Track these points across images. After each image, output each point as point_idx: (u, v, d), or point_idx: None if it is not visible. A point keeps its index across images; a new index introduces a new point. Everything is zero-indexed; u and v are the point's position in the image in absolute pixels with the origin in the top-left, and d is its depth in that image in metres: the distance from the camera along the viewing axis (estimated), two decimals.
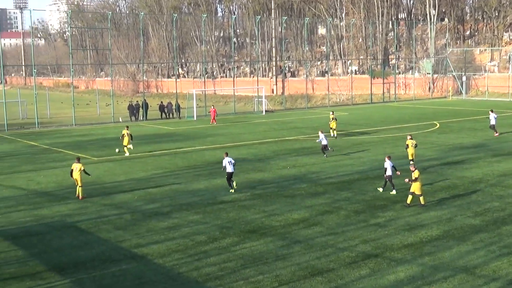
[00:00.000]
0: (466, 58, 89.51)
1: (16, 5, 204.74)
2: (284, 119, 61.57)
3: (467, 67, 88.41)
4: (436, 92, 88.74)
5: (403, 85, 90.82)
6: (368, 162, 33.97)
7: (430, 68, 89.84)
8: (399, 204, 24.39)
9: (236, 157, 36.30)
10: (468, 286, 15.93)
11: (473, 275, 16.69)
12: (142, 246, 19.73)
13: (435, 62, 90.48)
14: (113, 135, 49.69)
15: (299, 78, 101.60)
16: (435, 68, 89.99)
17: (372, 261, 17.91)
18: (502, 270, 17.02)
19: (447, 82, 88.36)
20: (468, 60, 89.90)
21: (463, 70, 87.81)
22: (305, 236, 20.49)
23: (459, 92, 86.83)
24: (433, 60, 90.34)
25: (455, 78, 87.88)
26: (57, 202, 26.05)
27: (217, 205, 25.01)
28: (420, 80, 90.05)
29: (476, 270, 17.08)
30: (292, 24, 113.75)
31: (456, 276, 16.65)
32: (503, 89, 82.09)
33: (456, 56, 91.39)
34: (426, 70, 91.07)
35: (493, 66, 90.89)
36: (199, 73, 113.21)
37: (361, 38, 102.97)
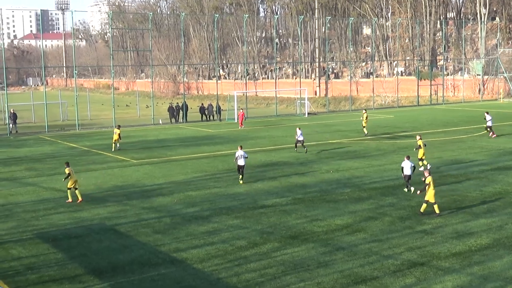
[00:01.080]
0: None
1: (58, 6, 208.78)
2: (327, 121, 61.29)
3: None
4: (487, 94, 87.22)
5: (452, 87, 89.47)
6: None
7: (480, 69, 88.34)
8: (447, 211, 24.00)
9: (278, 161, 36.40)
10: None
11: None
12: (181, 250, 19.86)
13: (486, 63, 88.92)
14: (153, 137, 50.27)
15: (343, 79, 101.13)
16: (486, 69, 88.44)
17: (418, 270, 17.66)
18: None
19: (498, 84, 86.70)
20: None
21: None
22: (348, 242, 20.33)
23: (511, 95, 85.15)
24: (483, 61, 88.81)
25: (506, 80, 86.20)
26: (96, 205, 26.41)
27: (257, 209, 25.02)
28: (470, 82, 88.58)
29: None
30: (336, 24, 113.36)
31: (506, 287, 16.30)
32: None
33: (507, 56, 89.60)
34: (476, 72, 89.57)
35: None
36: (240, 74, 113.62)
37: (407, 38, 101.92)
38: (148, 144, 45.79)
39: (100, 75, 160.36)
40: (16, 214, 25.04)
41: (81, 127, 58.76)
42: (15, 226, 23.20)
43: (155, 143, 46.33)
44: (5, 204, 26.77)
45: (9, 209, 25.93)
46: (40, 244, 20.82)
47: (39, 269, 18.30)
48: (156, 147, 44.05)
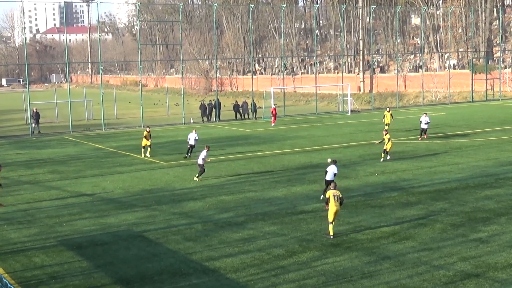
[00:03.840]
0: None
1: None
2: (372, 119, 60.94)
3: None
4: None
5: (510, 81, 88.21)
6: (468, 169, 33.17)
7: None
8: (504, 217, 23.70)
9: (318, 162, 36.33)
10: None
11: None
12: (214, 259, 19.97)
13: None
14: (184, 138, 50.51)
15: (389, 74, 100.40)
16: None
17: (473, 282, 17.49)
18: None
19: None
20: None
21: None
22: (395, 251, 20.22)
23: None
24: None
25: None
26: (124, 210, 26.72)
27: (296, 215, 25.03)
28: None
29: None
30: (381, 13, 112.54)
31: None
32: None
33: None
34: None
35: None
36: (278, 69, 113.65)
37: (460, 28, 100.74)
38: (179, 145, 46.11)
39: (127, 71, 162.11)
40: (39, 220, 25.48)
41: (107, 126, 59.47)
42: (38, 233, 23.61)
43: (185, 144, 46.50)
44: (27, 209, 27.27)
45: (31, 215, 26.40)
46: (64, 252, 21.16)
47: (63, 278, 18.59)
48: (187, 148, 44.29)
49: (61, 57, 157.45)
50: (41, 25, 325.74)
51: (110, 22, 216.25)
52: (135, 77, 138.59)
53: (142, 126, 59.32)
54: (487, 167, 33.61)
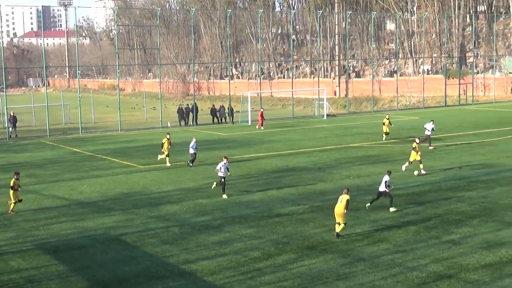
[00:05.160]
0: None
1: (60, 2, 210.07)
2: (348, 124, 61.24)
3: None
4: None
5: (482, 86, 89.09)
6: (441, 172, 33.47)
7: None
8: (476, 220, 23.95)
9: (294, 166, 36.45)
10: None
11: None
12: (191, 262, 19.94)
13: None
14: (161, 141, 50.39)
15: (364, 78, 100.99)
16: None
17: (445, 283, 17.64)
18: None
19: None
20: None
21: None
22: (369, 253, 20.33)
23: None
24: None
25: None
26: (101, 214, 26.57)
27: (272, 218, 25.06)
28: (502, 80, 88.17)
29: None
30: (357, 19, 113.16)
31: None
32: None
33: None
34: (508, 69, 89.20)
35: None
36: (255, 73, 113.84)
37: (434, 34, 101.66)
38: (156, 149, 45.80)
39: (104, 75, 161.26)
40: (16, 224, 25.24)
41: (85, 130, 59.12)
42: (14, 237, 23.39)
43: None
44: (4, 213, 26.96)
45: (8, 219, 26.14)
46: (41, 256, 20.99)
47: (40, 282, 18.44)
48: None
49: (38, 61, 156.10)
50: (19, 29, 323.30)
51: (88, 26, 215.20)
52: (112, 81, 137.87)
53: (119, 130, 59.14)
54: (459, 171, 33.93)
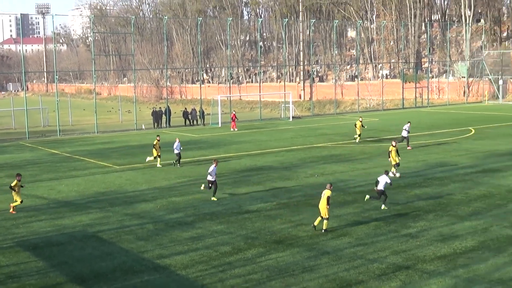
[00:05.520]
0: (503, 61, 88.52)
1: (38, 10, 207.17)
2: (312, 125, 61.50)
3: (504, 70, 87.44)
4: (471, 96, 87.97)
5: (437, 89, 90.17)
6: (399, 170, 33.73)
7: (465, 71, 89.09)
8: (432, 214, 24.21)
9: (262, 165, 36.50)
10: None
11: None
12: (165, 257, 19.85)
13: (470, 65, 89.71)
14: (136, 143, 50.16)
15: (327, 83, 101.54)
16: (470, 72, 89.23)
17: (403, 273, 17.79)
18: None
19: (483, 86, 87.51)
20: (505, 63, 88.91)
21: (500, 73, 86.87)
22: (333, 247, 20.43)
23: (496, 97, 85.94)
24: (468, 63, 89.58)
25: (491, 82, 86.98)
26: (78, 212, 26.30)
27: (242, 214, 25.06)
28: (455, 84, 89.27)
29: None
30: (320, 27, 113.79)
31: None
32: None
33: (492, 58, 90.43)
34: (460, 74, 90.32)
35: None
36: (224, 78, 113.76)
37: (392, 41, 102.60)
38: (131, 150, 45.70)
39: (81, 80, 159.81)
40: None
41: (62, 133, 58.49)
42: None
43: (137, 149, 46.21)
44: None
45: None
46: (20, 252, 20.70)
47: (20, 278, 18.19)
48: (139, 152, 43.92)
49: (17, 67, 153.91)
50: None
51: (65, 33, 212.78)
52: (89, 86, 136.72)
53: (96, 132, 58.60)
54: (416, 168, 34.27)
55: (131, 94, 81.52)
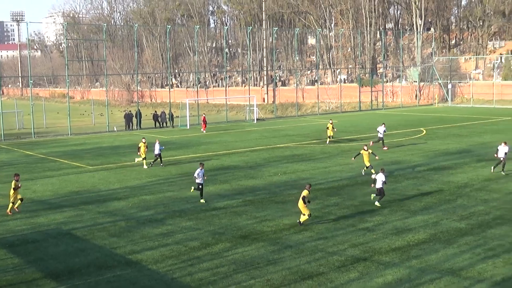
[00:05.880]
0: (452, 67, 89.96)
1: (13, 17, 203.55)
2: (275, 127, 61.62)
3: (452, 75, 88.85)
4: (423, 99, 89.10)
5: (391, 93, 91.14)
6: (357, 169, 33.98)
7: (417, 76, 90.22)
8: (387, 209, 24.46)
9: (229, 165, 36.45)
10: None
11: (459, 277, 16.76)
12: (137, 252, 19.69)
13: (422, 70, 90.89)
14: (108, 144, 49.66)
15: (289, 87, 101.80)
16: (422, 76, 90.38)
17: (361, 265, 17.94)
18: (487, 272, 17.10)
19: (433, 89, 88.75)
20: (453, 68, 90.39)
21: (449, 78, 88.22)
22: (295, 241, 20.49)
23: (445, 100, 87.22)
24: (420, 69, 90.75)
25: (441, 86, 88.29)
26: (53, 210, 25.92)
27: (209, 211, 24.99)
28: (407, 88, 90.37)
29: (462, 272, 17.15)
30: (282, 34, 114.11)
31: (442, 278, 16.71)
32: (487, 96, 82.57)
33: (442, 64, 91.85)
34: (413, 78, 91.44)
35: (478, 74, 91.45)
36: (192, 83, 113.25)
37: (349, 48, 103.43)
38: (103, 151, 45.22)
39: (55, 85, 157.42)
40: None
41: (37, 135, 57.57)
42: None
43: (110, 150, 45.77)
44: None
45: None
46: None
47: None
48: (111, 153, 43.52)
49: None
50: None
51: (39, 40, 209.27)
52: (62, 90, 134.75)
53: (69, 135, 57.83)
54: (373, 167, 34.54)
55: (103, 98, 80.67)
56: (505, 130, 51.12)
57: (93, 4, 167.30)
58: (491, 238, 20.20)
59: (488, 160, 35.52)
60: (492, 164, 32.76)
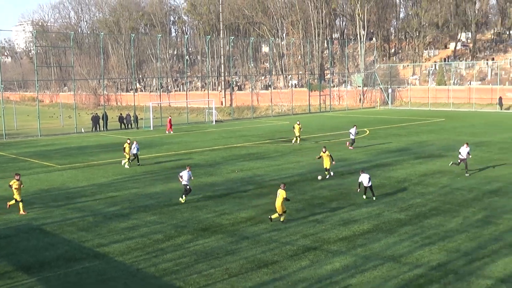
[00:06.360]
0: (392, 73, 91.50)
1: None
2: (232, 128, 61.55)
3: (392, 81, 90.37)
4: (366, 102, 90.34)
5: (337, 96, 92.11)
6: (307, 166, 34.26)
7: (361, 81, 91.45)
8: (334, 202, 24.69)
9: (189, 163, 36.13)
10: (395, 273, 16.24)
11: (399, 263, 17.03)
12: (104, 245, 19.39)
13: (365, 76, 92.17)
14: (76, 145, 48.78)
15: (245, 91, 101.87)
16: (365, 82, 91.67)
17: (311, 253, 18.06)
18: (424, 258, 17.43)
19: (375, 94, 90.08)
20: (393, 75, 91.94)
21: (389, 83, 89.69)
22: (252, 232, 20.50)
23: (386, 103, 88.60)
24: (363, 75, 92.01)
25: (382, 90, 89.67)
26: (24, 207, 25.28)
27: (172, 206, 24.80)
28: (352, 92, 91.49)
29: (402, 258, 17.43)
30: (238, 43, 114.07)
31: (384, 264, 16.96)
32: (423, 99, 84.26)
33: (383, 71, 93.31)
34: (357, 84, 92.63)
35: (414, 79, 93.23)
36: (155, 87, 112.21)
37: (300, 56, 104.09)
38: (72, 151, 44.38)
39: (25, 89, 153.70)
40: None
41: (8, 136, 56.13)
42: None
43: (78, 150, 44.95)
44: None
45: None
46: None
47: None
48: (79, 153, 42.75)
49: None
50: None
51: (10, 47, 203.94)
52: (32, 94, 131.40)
53: (39, 136, 56.60)
54: (321, 164, 34.77)
55: (71, 101, 79.18)
56: (439, 130, 52.25)
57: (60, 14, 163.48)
58: (428, 228, 20.60)
59: (425, 157, 36.25)
60: (432, 161, 33.36)
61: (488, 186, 27.24)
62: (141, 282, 16.11)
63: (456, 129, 52.40)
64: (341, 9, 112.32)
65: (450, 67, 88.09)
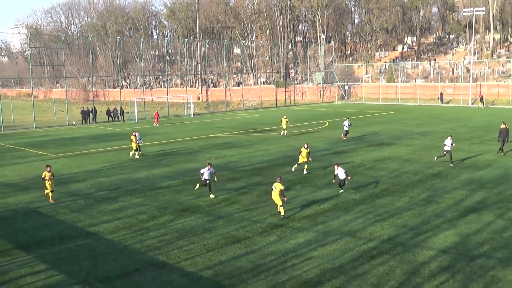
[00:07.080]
0: (348, 72, 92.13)
1: None
2: (208, 120, 61.29)
3: (348, 78, 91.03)
4: (326, 98, 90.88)
5: (300, 92, 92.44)
6: (274, 153, 34.36)
7: (321, 79, 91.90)
8: (298, 185, 24.81)
9: (171, 151, 35.97)
10: (351, 246, 16.45)
11: (355, 238, 17.25)
12: (95, 225, 19.18)
13: (325, 74, 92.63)
14: (68, 136, 47.98)
15: (219, 88, 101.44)
16: (325, 79, 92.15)
17: (279, 230, 18.16)
18: (377, 232, 17.68)
19: (334, 90, 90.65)
20: (349, 73, 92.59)
21: (346, 80, 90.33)
22: (226, 212, 20.51)
23: (343, 98, 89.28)
24: (323, 73, 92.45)
25: (339, 87, 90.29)
26: (21, 192, 24.84)
27: (155, 190, 24.62)
28: (313, 89, 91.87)
29: (357, 233, 17.65)
30: (213, 45, 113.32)
31: (342, 239, 17.15)
32: (375, 95, 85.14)
33: (340, 70, 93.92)
34: (317, 81, 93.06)
35: (367, 77, 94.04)
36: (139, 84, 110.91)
37: (267, 56, 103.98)
38: (64, 141, 43.64)
39: (21, 86, 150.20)
40: None
41: (6, 128, 54.91)
42: None
43: (69, 140, 44.22)
44: None
45: None
46: None
47: None
48: (71, 143, 42.06)
49: None
50: None
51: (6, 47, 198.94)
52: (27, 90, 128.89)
53: (34, 128, 55.50)
54: (287, 151, 34.95)
55: (63, 97, 77.67)
56: (389, 121, 52.86)
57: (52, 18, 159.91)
58: (379, 206, 20.88)
59: (376, 145, 36.63)
60: (383, 148, 33.73)
61: (431, 170, 27.71)
62: (128, 257, 15.99)
63: (403, 121, 53.09)
64: (303, 15, 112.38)
65: (398, 67, 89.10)
